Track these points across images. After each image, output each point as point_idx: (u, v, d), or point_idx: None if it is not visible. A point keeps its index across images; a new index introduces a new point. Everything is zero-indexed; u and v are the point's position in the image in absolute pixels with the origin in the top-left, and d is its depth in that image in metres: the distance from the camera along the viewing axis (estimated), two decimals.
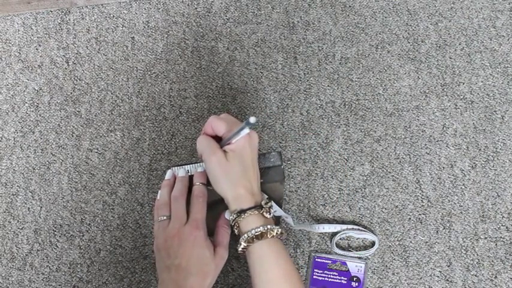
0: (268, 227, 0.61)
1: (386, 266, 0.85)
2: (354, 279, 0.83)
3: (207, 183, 0.66)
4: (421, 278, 0.84)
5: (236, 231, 0.63)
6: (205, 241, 0.62)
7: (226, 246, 0.65)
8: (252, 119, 0.58)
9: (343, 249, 0.85)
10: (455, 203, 0.89)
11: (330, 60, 1.00)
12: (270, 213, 0.63)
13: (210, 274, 0.62)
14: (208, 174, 0.63)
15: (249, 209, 0.62)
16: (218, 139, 0.65)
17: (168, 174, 0.68)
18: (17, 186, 0.92)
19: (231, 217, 0.63)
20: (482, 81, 0.98)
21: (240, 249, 0.62)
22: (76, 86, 1.00)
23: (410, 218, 0.88)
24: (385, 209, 0.89)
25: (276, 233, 0.62)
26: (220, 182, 0.62)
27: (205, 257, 0.61)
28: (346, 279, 0.83)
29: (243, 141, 0.62)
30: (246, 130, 0.61)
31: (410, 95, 0.97)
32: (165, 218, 0.64)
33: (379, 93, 0.97)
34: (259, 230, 0.61)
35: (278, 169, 0.67)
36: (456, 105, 0.96)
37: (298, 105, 0.97)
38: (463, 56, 1.00)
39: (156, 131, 0.95)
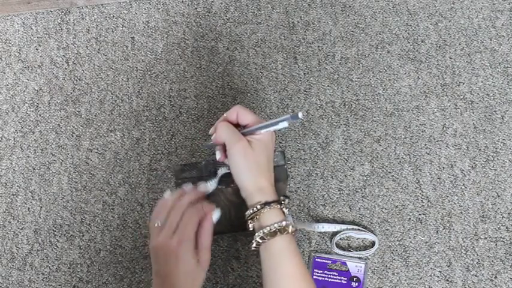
0: (288, 222, 0.60)
1: (386, 266, 0.85)
2: (354, 279, 0.83)
3: (219, 184, 0.66)
4: (421, 278, 0.84)
5: (251, 225, 0.62)
6: (190, 253, 0.60)
7: (209, 248, 0.63)
8: (300, 114, 0.55)
9: (343, 249, 0.85)
10: (455, 203, 0.89)
11: (330, 60, 1.00)
12: (287, 209, 0.62)
13: (197, 280, 0.61)
14: (230, 163, 0.62)
15: (273, 202, 0.60)
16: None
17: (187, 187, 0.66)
18: (17, 186, 0.92)
19: (251, 210, 0.61)
20: (482, 81, 0.98)
21: (254, 244, 0.61)
22: (76, 86, 1.00)
23: (410, 218, 0.88)
24: (385, 209, 0.88)
25: (292, 229, 0.61)
26: (243, 172, 0.61)
27: (190, 269, 0.60)
28: (346, 279, 0.83)
29: (270, 133, 0.61)
30: (285, 124, 0.58)
31: (410, 95, 0.97)
32: (158, 224, 0.62)
33: (379, 93, 0.97)
34: (282, 224, 0.60)
35: (281, 168, 0.67)
36: (456, 105, 0.96)
37: (298, 105, 0.97)
38: (463, 56, 1.00)
39: (156, 131, 0.96)
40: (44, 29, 1.06)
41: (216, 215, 0.63)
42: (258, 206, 0.60)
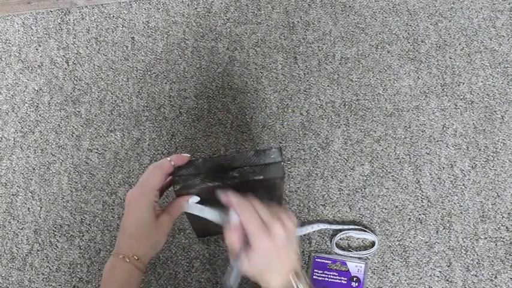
0: None
1: (386, 266, 0.85)
2: (354, 279, 0.83)
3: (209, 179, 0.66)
4: (421, 278, 0.84)
5: None
6: (147, 205, 0.62)
7: (172, 217, 0.65)
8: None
9: (343, 249, 0.85)
10: (455, 203, 0.89)
11: (330, 60, 1.00)
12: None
13: (152, 237, 0.63)
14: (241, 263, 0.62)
15: None
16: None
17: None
18: (17, 186, 0.92)
19: None
20: (482, 81, 0.98)
21: None
22: (76, 86, 1.00)
23: (410, 218, 0.88)
24: (385, 209, 0.88)
25: None
26: (251, 277, 0.61)
27: (146, 219, 0.62)
28: (346, 279, 0.83)
29: (266, 243, 0.57)
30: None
31: (410, 95, 0.97)
32: None
33: (379, 93, 0.97)
34: None
35: (278, 166, 0.67)
36: (456, 105, 0.96)
37: (298, 105, 0.97)
38: (463, 56, 1.00)
39: (156, 131, 0.96)
40: (44, 29, 1.06)
41: (193, 198, 0.66)
42: None
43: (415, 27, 1.03)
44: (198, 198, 0.66)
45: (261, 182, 0.66)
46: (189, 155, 0.66)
